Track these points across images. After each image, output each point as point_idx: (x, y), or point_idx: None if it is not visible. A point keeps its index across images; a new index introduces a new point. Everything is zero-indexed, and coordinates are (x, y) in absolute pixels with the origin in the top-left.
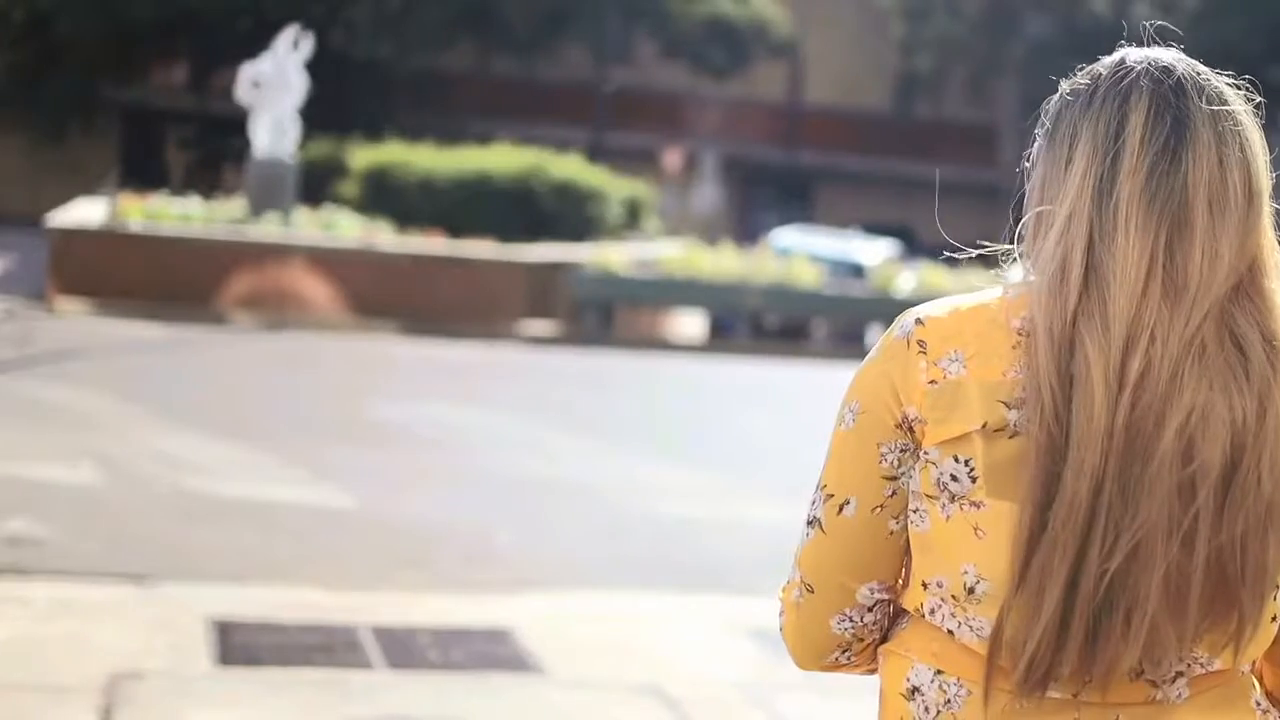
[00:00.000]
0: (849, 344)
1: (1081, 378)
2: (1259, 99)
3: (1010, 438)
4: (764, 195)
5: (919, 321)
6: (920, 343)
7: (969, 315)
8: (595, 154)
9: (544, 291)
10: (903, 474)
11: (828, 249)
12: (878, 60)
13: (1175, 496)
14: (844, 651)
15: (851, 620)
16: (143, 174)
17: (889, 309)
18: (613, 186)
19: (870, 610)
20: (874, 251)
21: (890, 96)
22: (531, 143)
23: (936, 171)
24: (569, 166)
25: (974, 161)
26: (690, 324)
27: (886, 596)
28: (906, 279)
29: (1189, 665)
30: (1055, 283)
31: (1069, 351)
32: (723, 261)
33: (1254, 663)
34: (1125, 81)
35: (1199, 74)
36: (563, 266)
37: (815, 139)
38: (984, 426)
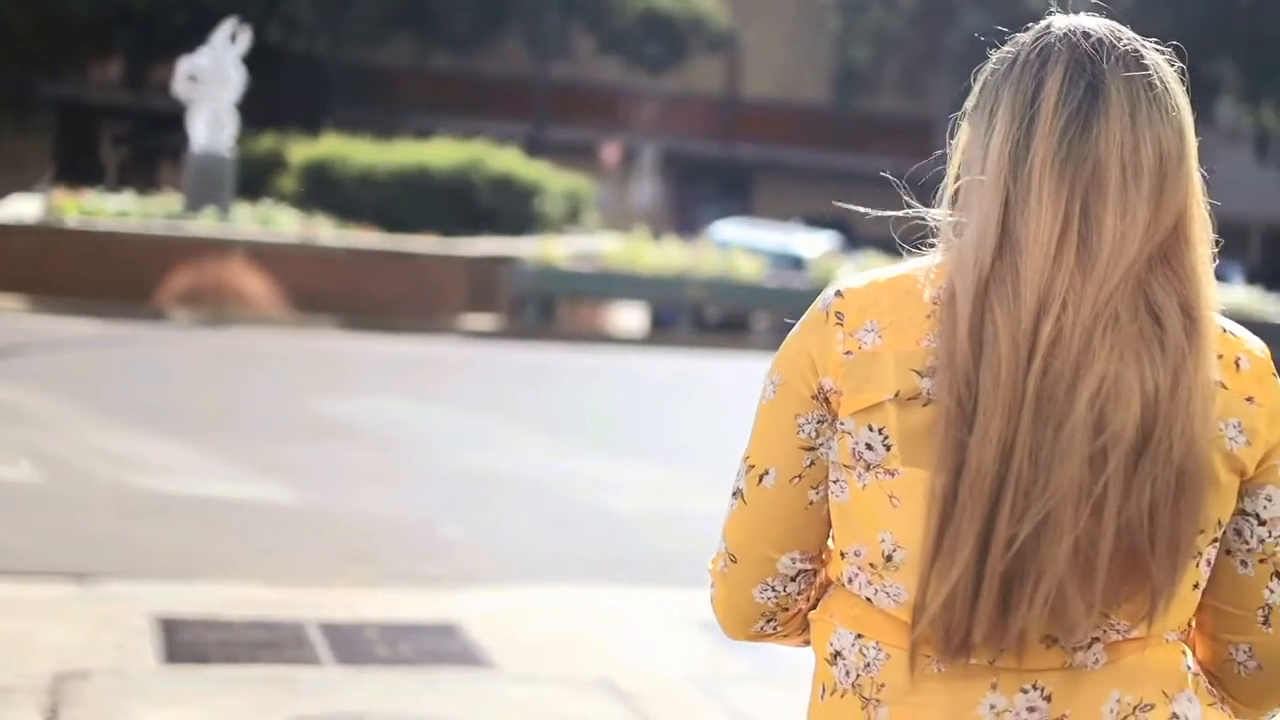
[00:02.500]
0: None
1: (990, 343)
2: (1180, 64)
3: (924, 405)
4: (702, 189)
5: (838, 294)
6: (838, 314)
7: (887, 286)
8: (534, 148)
9: (485, 285)
10: (821, 445)
11: (768, 242)
12: (815, 54)
13: (1087, 466)
14: (769, 621)
15: (774, 590)
16: (78, 170)
17: None
18: (552, 180)
19: (793, 580)
20: (814, 244)
21: (828, 90)
22: (470, 137)
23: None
24: (508, 160)
25: (911, 155)
26: (631, 317)
27: (809, 566)
28: (847, 271)
29: (1105, 632)
30: (970, 249)
31: (980, 317)
32: (664, 255)
33: (1188, 630)
34: (1044, 47)
35: (1119, 39)
36: (503, 260)
37: (753, 133)
38: (897, 395)
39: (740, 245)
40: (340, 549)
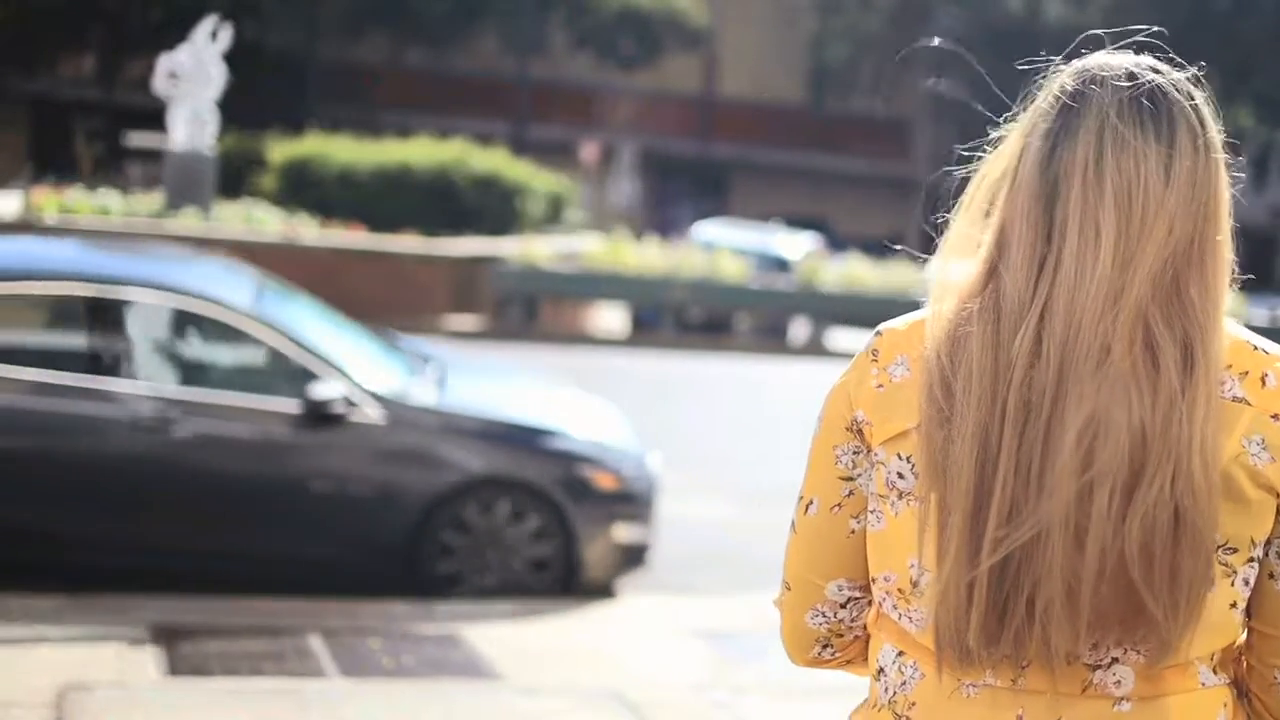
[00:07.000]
0: (772, 338)
1: (965, 351)
2: (1195, 95)
3: None
4: (678, 187)
5: (878, 333)
6: (874, 352)
7: (922, 323)
8: (512, 147)
9: (468, 285)
10: (859, 475)
11: (750, 243)
12: (791, 53)
13: (1075, 500)
14: (825, 646)
15: (825, 616)
16: (49, 166)
17: (814, 303)
18: (536, 180)
19: (843, 607)
20: (796, 245)
21: (804, 89)
22: (446, 135)
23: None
24: (491, 160)
25: (886, 155)
26: (612, 317)
27: (858, 594)
28: (831, 272)
29: (1126, 651)
30: (973, 268)
31: (961, 328)
32: (646, 255)
33: (1235, 653)
34: (1055, 80)
35: (1131, 72)
36: (486, 260)
37: (730, 131)
38: (920, 425)
39: (724, 246)
40: None
